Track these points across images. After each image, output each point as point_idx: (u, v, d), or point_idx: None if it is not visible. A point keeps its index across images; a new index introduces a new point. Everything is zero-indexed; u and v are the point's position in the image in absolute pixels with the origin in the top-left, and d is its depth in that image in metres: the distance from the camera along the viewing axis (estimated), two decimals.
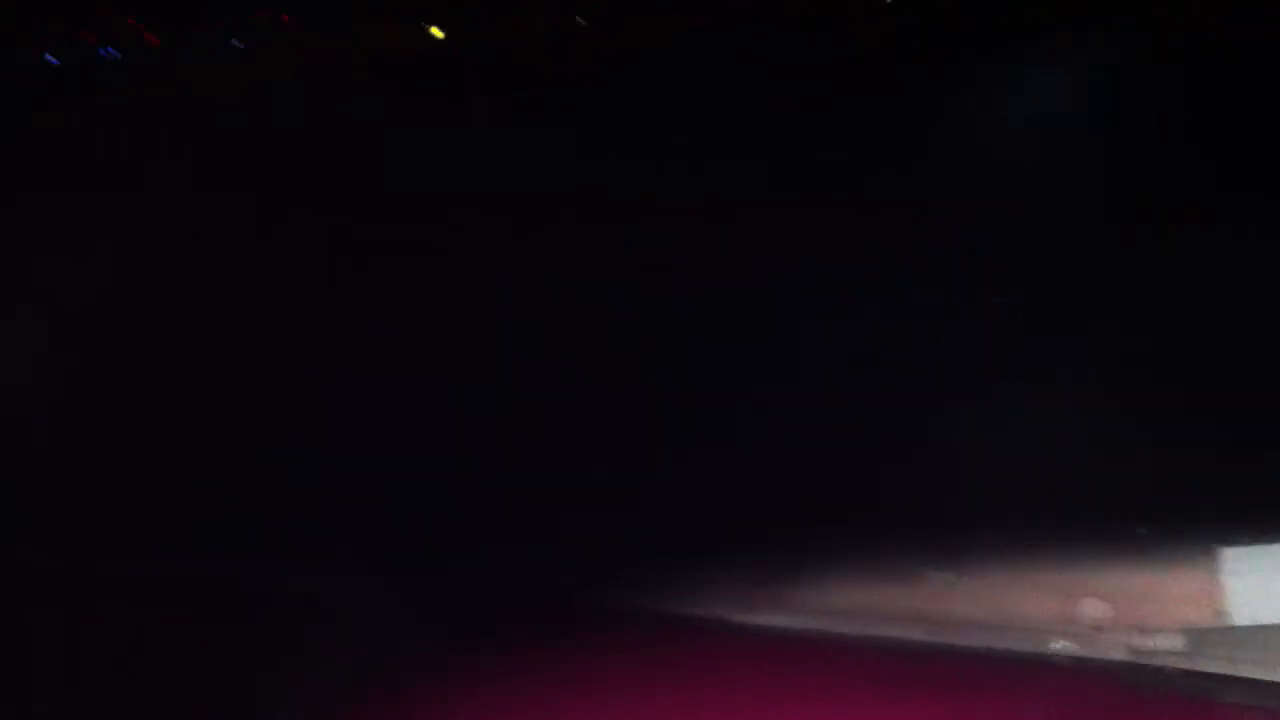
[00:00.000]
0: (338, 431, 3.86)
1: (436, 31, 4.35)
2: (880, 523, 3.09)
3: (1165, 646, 2.73)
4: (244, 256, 4.30)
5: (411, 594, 3.23)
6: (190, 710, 2.97)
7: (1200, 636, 2.72)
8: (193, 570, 3.46)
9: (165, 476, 3.85)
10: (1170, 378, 3.14)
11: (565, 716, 2.87)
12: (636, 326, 3.66)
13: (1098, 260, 3.42)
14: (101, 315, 4.29)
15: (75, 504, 3.81)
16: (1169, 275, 3.31)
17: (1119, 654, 2.74)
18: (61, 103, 4.62)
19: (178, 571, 3.48)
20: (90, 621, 3.30)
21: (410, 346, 4.04)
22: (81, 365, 4.21)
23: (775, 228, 3.71)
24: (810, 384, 3.42)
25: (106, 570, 3.47)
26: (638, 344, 3.64)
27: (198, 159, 4.48)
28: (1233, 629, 2.74)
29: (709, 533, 3.18)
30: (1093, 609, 2.79)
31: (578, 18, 4.52)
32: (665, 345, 3.60)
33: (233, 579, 3.39)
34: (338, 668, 3.03)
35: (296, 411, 3.98)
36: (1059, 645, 2.78)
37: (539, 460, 3.47)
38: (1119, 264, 3.38)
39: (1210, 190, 3.45)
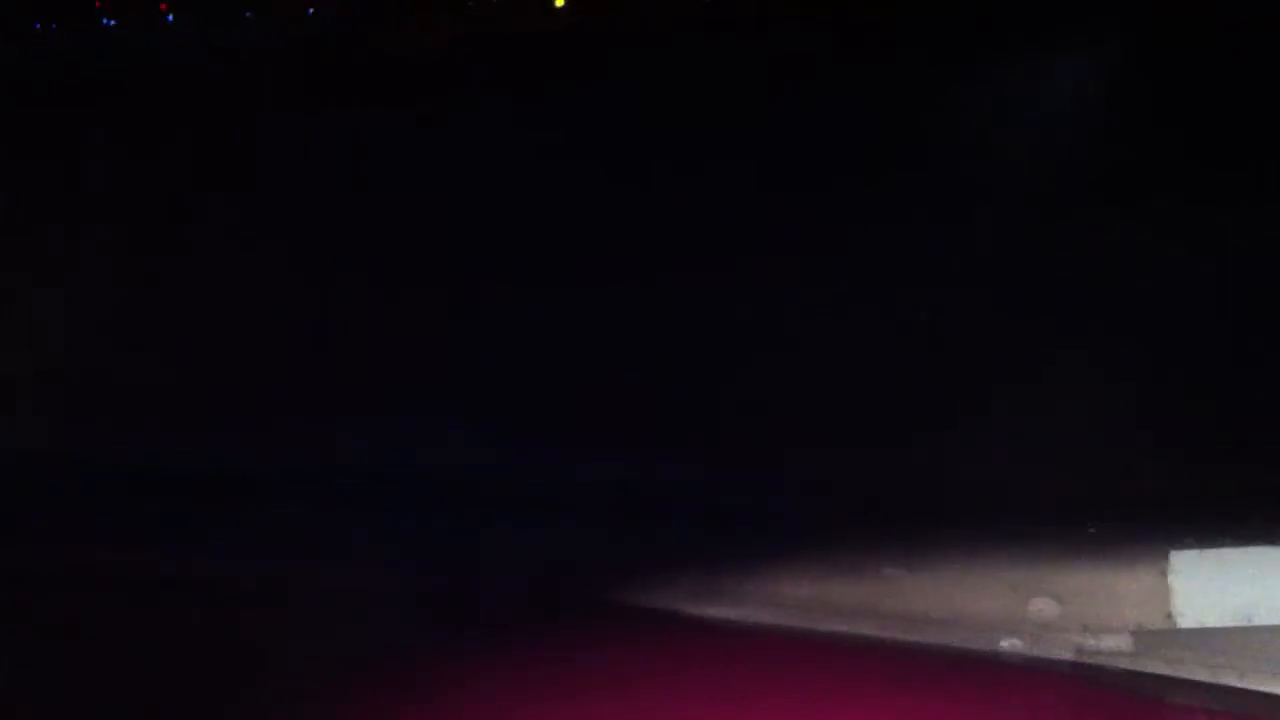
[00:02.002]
0: (339, 432, 3.91)
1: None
2: (834, 517, 3.13)
3: (1112, 647, 2.75)
4: (252, 250, 4.34)
5: (407, 592, 3.27)
6: (190, 707, 2.99)
7: (1147, 638, 2.74)
8: (193, 570, 3.50)
9: (165, 476, 3.89)
10: (1124, 384, 3.18)
11: (521, 706, 2.89)
12: (603, 329, 3.71)
13: (1063, 267, 3.47)
14: (103, 308, 4.33)
15: (76, 501, 3.86)
16: (1134, 282, 3.35)
17: (1067, 653, 2.77)
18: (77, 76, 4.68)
19: (178, 571, 3.52)
20: (91, 619, 3.33)
21: (411, 348, 4.09)
22: (84, 358, 4.26)
23: (749, 226, 3.76)
24: (769, 382, 3.47)
25: (107, 568, 3.51)
26: (601, 345, 3.69)
27: (199, 149, 4.54)
28: (1179, 631, 2.77)
29: (665, 525, 3.22)
30: (1042, 608, 2.82)
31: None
32: (625, 343, 3.66)
33: (232, 579, 3.43)
34: (337, 665, 3.06)
35: (299, 412, 4.03)
36: (1008, 643, 2.80)
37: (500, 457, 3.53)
38: (1085, 270, 3.43)
39: (1187, 192, 3.50)
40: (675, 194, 4.02)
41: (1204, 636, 2.73)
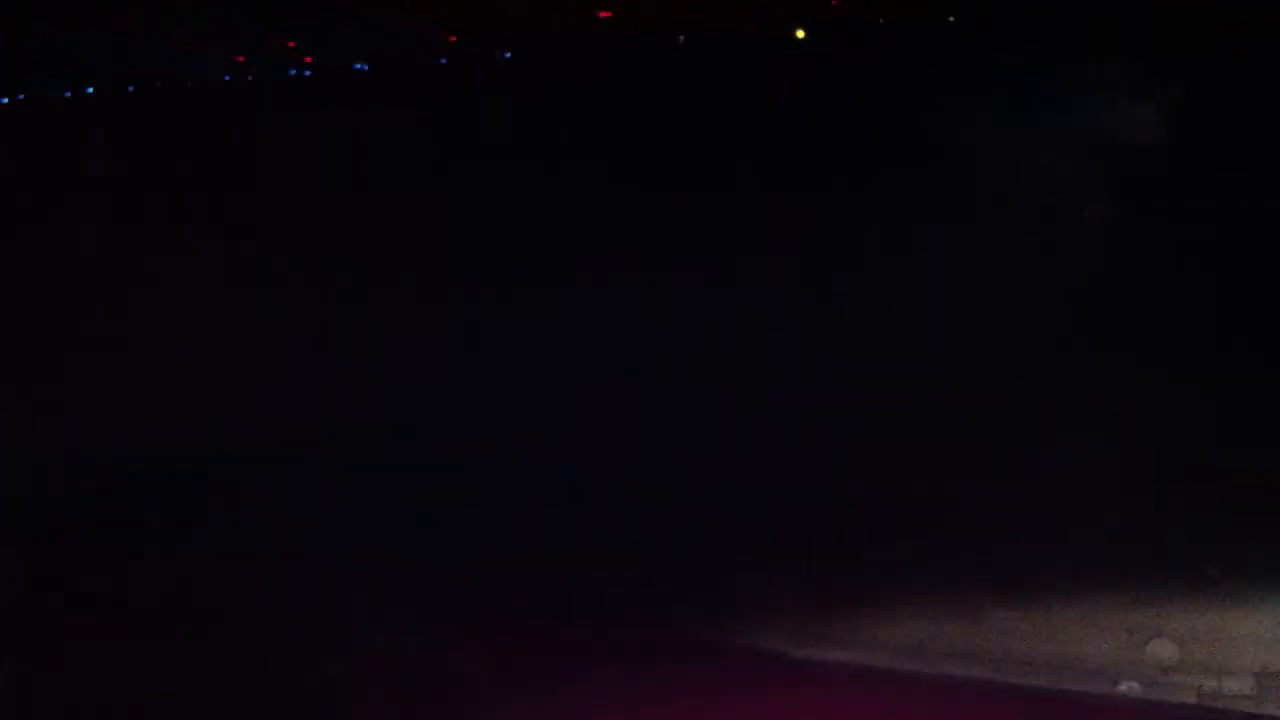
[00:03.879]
0: (344, 438, 3.95)
1: (800, 33, 4.50)
2: (946, 559, 3.10)
3: (1234, 690, 2.68)
4: (252, 260, 4.47)
5: (426, 600, 3.26)
6: (191, 710, 2.98)
7: (1270, 680, 2.67)
8: (192, 570, 3.52)
9: (166, 477, 3.95)
10: (1241, 421, 3.16)
11: None
12: (676, 331, 3.73)
13: (1153, 291, 3.46)
14: (110, 315, 4.46)
15: (75, 503, 3.92)
16: (1229, 306, 3.34)
17: (1187, 696, 2.70)
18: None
19: (177, 571, 3.54)
20: (91, 620, 3.35)
21: (417, 353, 4.16)
22: (87, 366, 4.37)
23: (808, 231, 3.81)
24: (872, 416, 3.48)
25: (106, 570, 3.54)
26: (676, 350, 3.71)
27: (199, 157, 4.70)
28: None
29: (768, 563, 3.20)
30: (1160, 650, 2.77)
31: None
32: (713, 355, 3.68)
33: (233, 579, 3.45)
34: (339, 669, 3.05)
35: (301, 416, 4.08)
36: (1126, 686, 2.75)
37: (579, 479, 3.54)
38: (1173, 293, 3.42)
39: (1233, 196, 3.51)
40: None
41: None
